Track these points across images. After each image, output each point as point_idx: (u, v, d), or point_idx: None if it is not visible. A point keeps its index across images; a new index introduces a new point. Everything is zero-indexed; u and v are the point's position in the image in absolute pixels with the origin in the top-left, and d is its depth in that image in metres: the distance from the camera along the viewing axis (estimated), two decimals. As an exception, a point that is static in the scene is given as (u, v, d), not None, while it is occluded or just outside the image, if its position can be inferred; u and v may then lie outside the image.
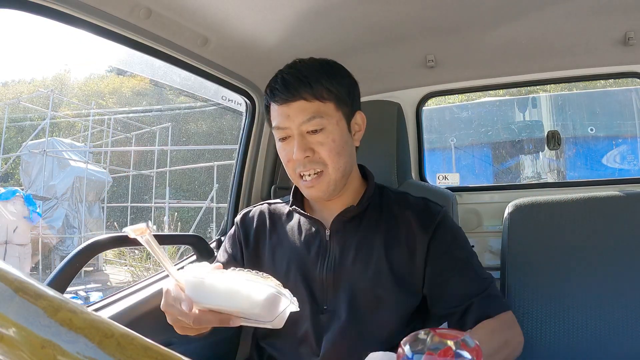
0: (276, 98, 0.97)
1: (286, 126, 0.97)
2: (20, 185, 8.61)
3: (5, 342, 0.29)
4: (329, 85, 0.98)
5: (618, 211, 1.18)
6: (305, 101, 0.95)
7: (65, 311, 0.30)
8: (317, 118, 0.95)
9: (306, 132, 0.96)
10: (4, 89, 14.23)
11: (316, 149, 0.96)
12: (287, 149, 0.98)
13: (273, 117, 1.00)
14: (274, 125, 0.99)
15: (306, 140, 0.96)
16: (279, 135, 0.99)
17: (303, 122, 0.95)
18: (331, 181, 0.97)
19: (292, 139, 0.97)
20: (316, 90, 0.96)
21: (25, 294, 0.30)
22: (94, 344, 0.29)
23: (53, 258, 7.99)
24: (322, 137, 0.96)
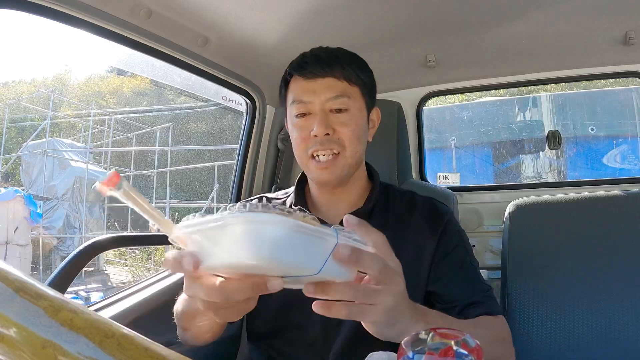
0: (305, 72, 0.94)
1: (310, 101, 0.94)
2: (21, 185, 8.62)
3: (6, 342, 0.29)
4: (359, 72, 0.97)
5: (618, 211, 1.18)
6: (335, 79, 0.94)
7: (66, 311, 0.30)
8: (344, 97, 0.93)
9: (329, 111, 0.93)
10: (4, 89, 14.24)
11: (337, 129, 0.93)
12: (305, 125, 0.94)
13: (293, 91, 0.97)
14: (294, 99, 0.96)
15: (329, 119, 0.93)
16: (298, 110, 0.95)
17: (329, 99, 0.93)
18: (346, 165, 0.95)
19: (313, 116, 0.94)
20: (347, 72, 0.95)
21: (26, 294, 0.30)
22: (95, 344, 0.29)
23: (53, 258, 7.99)
24: (346, 117, 0.94)
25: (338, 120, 0.93)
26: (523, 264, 1.17)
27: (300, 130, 0.95)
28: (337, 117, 0.93)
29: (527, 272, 1.16)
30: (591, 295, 1.11)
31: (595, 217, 1.18)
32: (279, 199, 1.10)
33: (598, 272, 1.13)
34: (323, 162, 0.94)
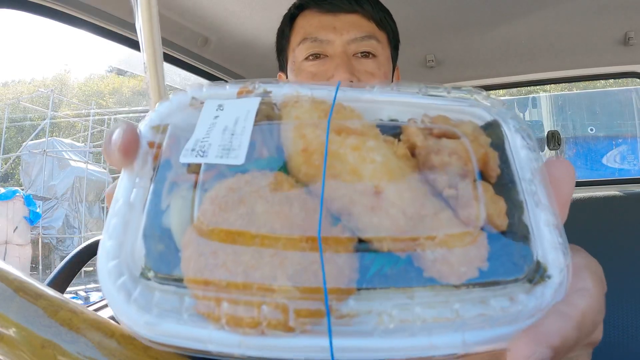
0: (324, 3, 0.73)
1: (328, 39, 0.71)
2: (21, 185, 8.62)
3: (5, 342, 0.29)
4: (389, 19, 0.78)
5: (618, 211, 1.18)
6: (362, 16, 0.73)
7: (65, 311, 0.30)
8: (372, 39, 0.73)
9: (353, 55, 0.72)
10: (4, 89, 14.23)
11: (363, 79, 0.72)
12: (319, 70, 0.72)
13: (303, 27, 0.75)
14: (306, 35, 0.73)
15: (352, 64, 0.72)
16: (309, 49, 0.73)
17: (354, 40, 0.72)
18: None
19: (330, 60, 0.72)
20: (376, 11, 0.74)
21: (26, 294, 0.30)
22: (94, 344, 0.29)
23: (53, 258, 7.99)
24: (375, 65, 0.73)
25: (364, 67, 0.72)
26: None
27: (312, 78, 0.73)
28: (362, 64, 0.72)
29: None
30: (591, 295, 1.11)
31: (594, 218, 1.18)
32: None
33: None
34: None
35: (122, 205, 0.23)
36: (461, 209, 0.23)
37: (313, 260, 0.21)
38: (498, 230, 0.23)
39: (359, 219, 0.22)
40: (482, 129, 0.26)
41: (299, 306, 0.20)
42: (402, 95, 0.27)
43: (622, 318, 1.08)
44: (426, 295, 0.21)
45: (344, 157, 0.23)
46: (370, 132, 0.25)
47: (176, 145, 0.25)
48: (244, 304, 0.20)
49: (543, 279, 0.22)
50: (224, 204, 0.22)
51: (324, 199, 0.22)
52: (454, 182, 0.23)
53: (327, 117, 0.25)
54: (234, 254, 0.21)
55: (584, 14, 1.28)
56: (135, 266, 0.22)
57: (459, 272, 0.21)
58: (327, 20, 0.73)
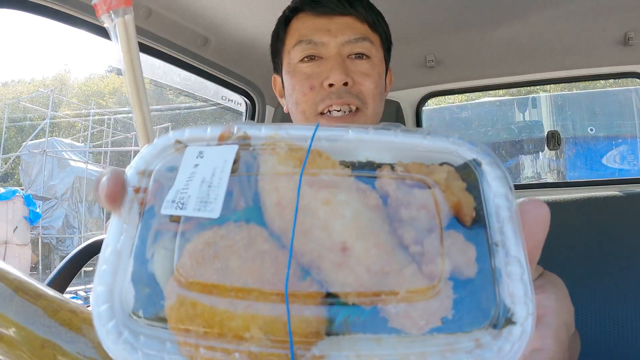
0: (318, 6, 0.74)
1: (323, 41, 0.73)
2: (20, 185, 8.61)
3: (5, 342, 0.29)
4: (382, 21, 0.79)
5: (618, 211, 1.18)
6: (356, 18, 0.74)
7: (65, 311, 0.30)
8: (366, 41, 0.74)
9: (347, 57, 0.74)
10: (4, 89, 14.23)
11: (357, 80, 0.73)
12: (314, 72, 0.73)
13: (298, 30, 0.76)
14: (301, 37, 0.74)
15: (346, 66, 0.73)
16: (304, 51, 0.74)
17: (348, 42, 0.73)
18: (367, 123, 0.74)
19: (325, 61, 0.73)
20: (370, 14, 0.75)
21: (26, 294, 0.30)
22: (94, 344, 0.29)
23: (53, 258, 7.99)
24: (367, 66, 0.74)
25: (358, 68, 0.73)
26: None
27: (307, 79, 0.73)
28: (356, 65, 0.73)
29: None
30: (590, 296, 1.11)
31: (594, 218, 1.18)
32: None
33: (597, 273, 1.13)
34: (338, 118, 0.72)
35: (110, 253, 0.25)
36: (425, 264, 0.24)
37: (282, 312, 0.23)
38: (465, 277, 0.24)
39: (326, 274, 0.24)
40: (459, 170, 0.27)
41: (268, 353, 0.22)
42: (379, 135, 0.28)
43: (622, 318, 1.08)
44: (392, 341, 0.23)
45: (315, 211, 0.25)
46: (343, 183, 0.26)
47: (160, 191, 0.27)
48: (220, 351, 0.22)
49: (507, 326, 0.23)
50: (201, 258, 0.24)
51: (294, 253, 0.24)
52: (420, 238, 0.24)
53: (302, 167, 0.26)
54: (210, 305, 0.23)
55: (584, 14, 1.28)
56: (125, 308, 0.24)
57: (420, 324, 0.23)
58: (321, 22, 0.74)
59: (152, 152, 0.29)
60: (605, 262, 1.13)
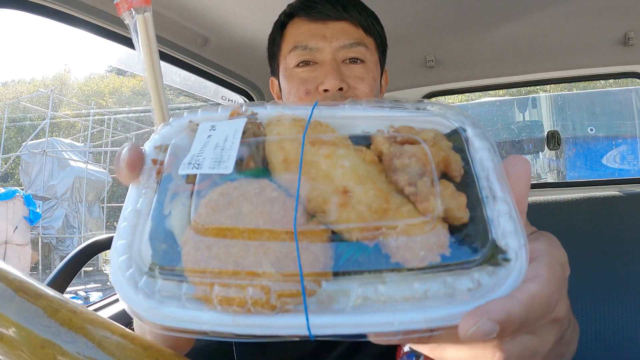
0: (310, 12, 0.76)
1: (318, 47, 0.75)
2: (20, 185, 8.61)
3: (5, 342, 0.29)
4: (376, 24, 0.80)
5: (617, 211, 1.18)
6: (350, 23, 0.76)
7: (65, 311, 0.30)
8: (361, 46, 0.76)
9: (342, 62, 0.75)
10: (4, 89, 14.23)
11: (352, 84, 0.74)
12: (310, 77, 0.75)
13: (294, 36, 0.77)
14: (296, 43, 0.76)
15: (341, 70, 0.74)
16: (299, 57, 0.76)
17: (343, 47, 0.75)
18: None
19: (320, 66, 0.75)
20: (364, 17, 0.77)
21: (25, 294, 0.30)
22: (94, 343, 0.29)
23: (53, 258, 7.99)
24: (363, 70, 0.76)
25: (353, 73, 0.75)
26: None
27: (303, 84, 0.75)
28: (351, 70, 0.75)
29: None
30: (590, 295, 1.11)
31: (594, 218, 1.18)
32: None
33: (597, 273, 1.13)
34: None
35: (130, 211, 0.27)
36: (420, 202, 0.26)
37: (292, 249, 0.25)
38: (460, 222, 0.26)
39: (331, 215, 0.26)
40: (447, 135, 0.31)
41: (280, 287, 0.24)
42: (373, 110, 0.32)
43: (622, 318, 1.08)
44: (394, 278, 0.25)
45: (318, 164, 0.28)
46: (342, 143, 0.29)
47: (176, 162, 0.29)
48: (233, 287, 0.24)
49: (502, 262, 0.25)
50: (216, 206, 0.26)
51: (301, 200, 0.27)
52: (414, 180, 0.27)
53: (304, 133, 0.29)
54: (225, 246, 0.25)
55: (584, 14, 1.28)
56: (142, 263, 0.26)
57: (420, 256, 0.25)
58: (316, 28, 0.76)
59: (169, 130, 0.32)
60: (605, 261, 1.13)
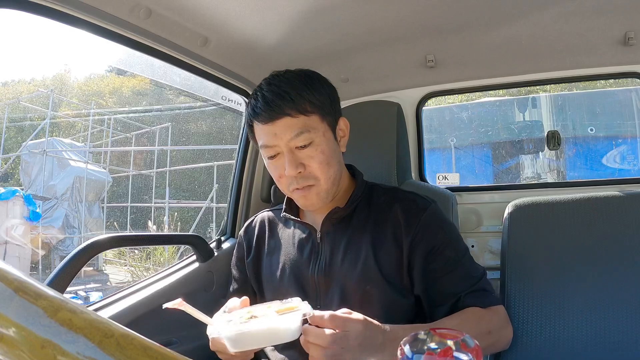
0: (260, 117, 0.96)
1: (274, 144, 0.96)
2: (20, 185, 8.61)
3: (5, 342, 0.29)
4: (311, 97, 0.96)
5: (618, 211, 1.18)
6: (290, 117, 0.94)
7: (65, 311, 0.30)
8: (304, 133, 0.94)
9: (295, 148, 0.95)
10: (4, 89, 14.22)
11: (307, 163, 0.96)
12: (278, 165, 0.98)
13: (258, 136, 0.99)
14: (261, 144, 0.98)
15: (296, 156, 0.95)
16: (267, 153, 0.98)
17: (291, 139, 0.94)
18: (322, 192, 0.98)
19: (282, 155, 0.96)
20: (299, 105, 0.94)
21: (25, 294, 0.30)
22: (94, 344, 0.29)
23: (53, 258, 7.99)
24: (311, 150, 0.96)
25: (305, 154, 0.96)
26: (522, 265, 1.17)
27: (275, 170, 0.99)
28: (303, 152, 0.96)
29: (527, 273, 1.16)
30: (591, 295, 1.11)
31: (594, 218, 1.18)
32: (279, 209, 1.16)
33: (598, 273, 1.13)
34: (300, 191, 0.98)
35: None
36: None
37: None
38: None
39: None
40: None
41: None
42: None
43: (622, 317, 1.08)
44: None
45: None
46: None
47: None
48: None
49: None
50: None
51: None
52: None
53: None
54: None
55: (584, 14, 1.28)
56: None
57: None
58: (268, 128, 0.96)
59: None
60: (605, 261, 1.13)
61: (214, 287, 1.33)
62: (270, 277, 1.08)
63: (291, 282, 1.03)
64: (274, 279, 1.07)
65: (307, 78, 0.99)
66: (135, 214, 9.24)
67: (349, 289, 0.98)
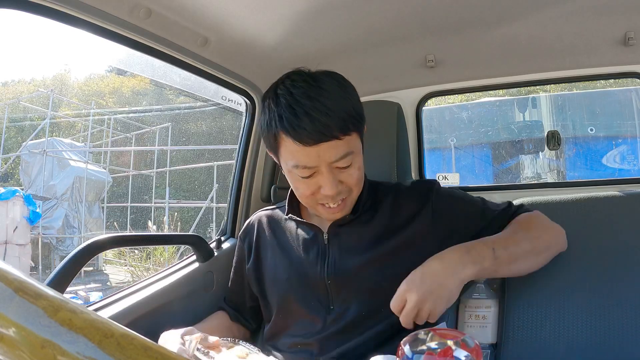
0: (301, 137, 0.87)
1: (315, 165, 0.90)
2: (20, 185, 8.61)
3: (5, 342, 0.29)
4: (353, 112, 0.92)
5: (618, 211, 1.18)
6: (337, 139, 0.89)
7: (65, 311, 0.30)
8: (349, 155, 0.91)
9: (336, 167, 0.92)
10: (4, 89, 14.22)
11: (345, 181, 0.94)
12: (311, 182, 0.93)
13: (290, 152, 0.91)
14: (297, 164, 0.91)
15: (336, 175, 0.92)
16: (302, 174, 0.92)
17: (335, 161, 0.91)
18: (351, 201, 0.99)
19: (319, 174, 0.92)
20: (345, 126, 0.89)
21: (25, 294, 0.30)
22: (94, 344, 0.29)
23: (53, 258, 7.99)
24: (351, 169, 0.94)
25: (345, 173, 0.94)
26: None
27: (307, 187, 0.94)
28: (343, 172, 0.93)
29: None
30: (591, 296, 1.11)
31: (595, 218, 1.18)
32: (277, 208, 1.16)
33: (598, 273, 1.13)
34: (334, 207, 0.96)
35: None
36: None
37: None
38: None
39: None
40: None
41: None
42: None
43: (622, 317, 1.08)
44: None
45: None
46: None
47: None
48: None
49: None
50: None
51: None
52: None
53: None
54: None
55: (584, 14, 1.28)
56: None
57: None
58: (310, 150, 0.88)
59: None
60: (605, 261, 1.13)
61: (214, 287, 1.32)
62: (275, 279, 1.07)
63: (300, 283, 1.02)
64: (280, 280, 1.05)
65: (343, 88, 0.94)
66: (135, 214, 9.25)
67: (364, 286, 0.98)
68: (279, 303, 1.05)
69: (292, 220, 1.09)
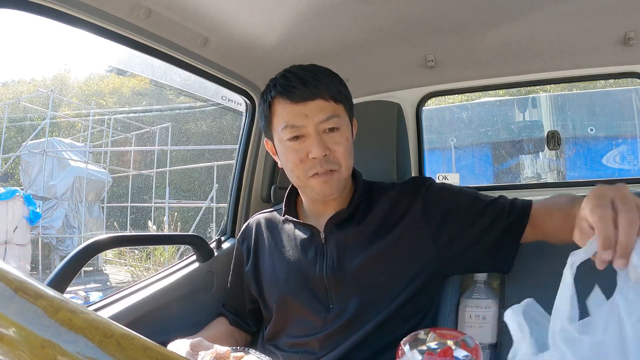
0: (293, 95, 0.96)
1: (303, 124, 0.96)
2: (20, 185, 8.61)
3: (5, 342, 0.29)
4: (341, 87, 1.00)
5: (618, 211, 1.18)
6: (324, 100, 0.96)
7: (65, 311, 0.30)
8: (334, 117, 0.97)
9: (323, 131, 0.97)
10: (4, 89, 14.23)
11: (332, 148, 0.97)
12: (300, 148, 0.97)
13: (281, 115, 0.98)
14: (286, 123, 0.97)
15: (323, 139, 0.96)
16: (291, 133, 0.97)
17: (322, 121, 0.96)
18: (342, 179, 1.00)
19: (307, 138, 0.97)
20: (333, 90, 0.97)
21: (25, 294, 0.30)
22: (94, 344, 0.29)
23: (53, 258, 7.99)
24: (338, 136, 0.98)
25: (332, 139, 0.97)
26: (522, 265, 1.17)
27: (296, 153, 0.98)
28: (330, 137, 0.97)
29: (526, 273, 1.16)
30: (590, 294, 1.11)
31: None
32: (274, 211, 1.18)
33: (598, 273, 1.12)
34: (323, 175, 0.98)
35: None
36: None
37: None
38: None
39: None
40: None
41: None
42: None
43: (621, 318, 1.08)
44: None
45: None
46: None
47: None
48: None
49: None
50: None
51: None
52: None
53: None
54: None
55: (584, 14, 1.28)
56: None
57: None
58: (298, 108, 0.96)
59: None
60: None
61: (214, 287, 1.32)
62: (274, 280, 1.07)
63: (299, 283, 1.03)
64: (279, 281, 1.06)
65: (335, 74, 1.02)
66: (135, 214, 9.25)
67: (363, 283, 0.99)
68: (278, 304, 1.05)
69: (290, 222, 1.09)
